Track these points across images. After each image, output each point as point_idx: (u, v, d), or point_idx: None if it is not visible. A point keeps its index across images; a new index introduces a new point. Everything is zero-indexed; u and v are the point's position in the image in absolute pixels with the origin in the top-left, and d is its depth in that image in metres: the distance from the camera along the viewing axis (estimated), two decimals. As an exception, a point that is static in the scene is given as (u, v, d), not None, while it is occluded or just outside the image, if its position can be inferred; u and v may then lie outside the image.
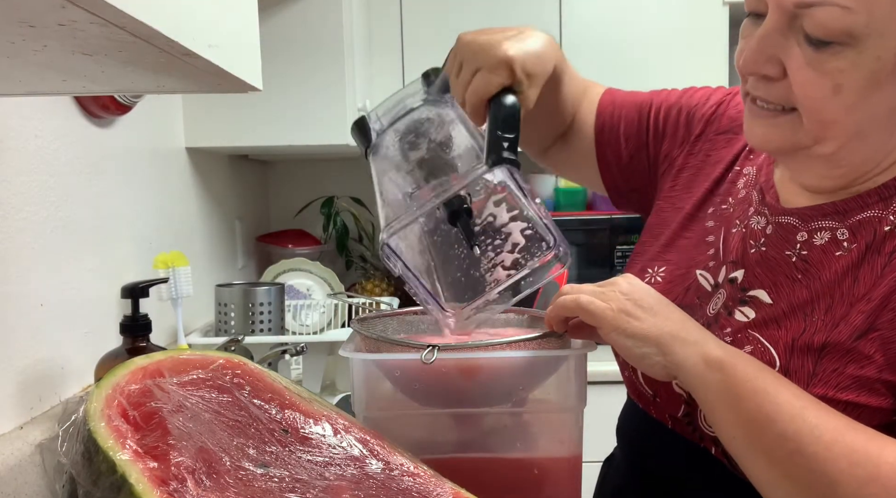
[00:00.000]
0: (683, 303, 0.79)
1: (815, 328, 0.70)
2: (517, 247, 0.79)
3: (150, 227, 1.43)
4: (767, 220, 0.79)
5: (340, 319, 1.73)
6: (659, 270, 0.86)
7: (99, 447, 0.60)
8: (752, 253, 0.78)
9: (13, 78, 0.69)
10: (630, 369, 0.86)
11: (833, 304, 0.70)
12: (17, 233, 0.99)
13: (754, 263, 0.77)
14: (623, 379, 0.90)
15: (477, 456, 0.84)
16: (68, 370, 1.09)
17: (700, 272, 0.82)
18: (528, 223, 0.78)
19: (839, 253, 0.72)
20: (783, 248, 0.76)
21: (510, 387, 0.84)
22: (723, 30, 2.02)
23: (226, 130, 1.65)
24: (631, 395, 0.90)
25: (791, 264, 0.75)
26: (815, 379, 0.68)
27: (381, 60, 2.02)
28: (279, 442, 0.68)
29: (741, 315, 0.76)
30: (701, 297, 0.80)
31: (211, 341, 1.47)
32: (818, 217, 0.75)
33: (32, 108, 1.04)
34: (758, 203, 0.81)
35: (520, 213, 0.78)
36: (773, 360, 0.71)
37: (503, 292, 0.77)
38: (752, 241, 0.79)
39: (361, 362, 0.82)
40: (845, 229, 0.73)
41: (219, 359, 0.75)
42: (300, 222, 2.34)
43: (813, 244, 0.74)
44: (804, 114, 0.69)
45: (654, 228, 0.90)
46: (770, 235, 0.78)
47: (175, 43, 0.51)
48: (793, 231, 0.76)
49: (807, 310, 0.72)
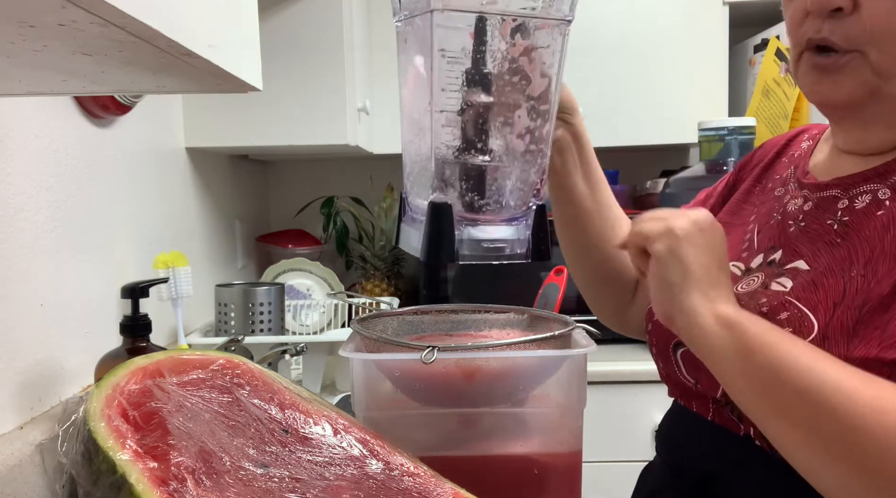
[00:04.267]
0: None
1: (855, 286, 0.67)
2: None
3: (150, 228, 1.43)
4: (806, 198, 0.77)
5: (340, 319, 1.73)
6: None
7: (99, 447, 0.60)
8: (790, 232, 0.77)
9: (13, 78, 0.69)
10: (669, 360, 0.82)
11: (873, 257, 0.68)
12: (17, 233, 0.99)
13: (793, 240, 0.76)
14: (662, 377, 0.87)
15: (477, 456, 0.84)
16: (68, 370, 1.09)
17: (733, 263, 0.80)
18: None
19: (881, 212, 0.70)
20: (824, 218, 0.74)
21: (510, 387, 0.84)
22: (723, 30, 2.02)
23: (226, 130, 1.65)
24: (672, 392, 0.87)
25: (832, 231, 0.73)
26: (857, 339, 0.65)
27: (381, 60, 2.02)
28: (279, 442, 0.68)
29: (778, 286, 0.73)
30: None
31: (211, 341, 1.47)
32: (860, 182, 0.73)
33: (32, 108, 1.04)
34: (795, 190, 0.80)
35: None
36: (812, 324, 0.68)
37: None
38: (790, 221, 0.78)
39: (361, 362, 0.82)
40: (887, 189, 0.71)
41: (219, 359, 0.75)
42: (300, 222, 2.34)
43: (854, 209, 0.72)
44: (878, 48, 0.67)
45: None
46: (809, 211, 0.76)
47: (175, 43, 0.51)
48: (833, 201, 0.74)
49: (845, 266, 0.69)
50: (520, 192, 0.77)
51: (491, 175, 0.75)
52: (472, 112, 0.74)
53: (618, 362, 1.72)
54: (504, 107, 0.75)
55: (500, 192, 0.76)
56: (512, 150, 0.76)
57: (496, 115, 0.75)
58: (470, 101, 0.73)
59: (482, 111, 0.74)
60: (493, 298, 1.07)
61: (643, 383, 1.71)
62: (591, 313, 1.03)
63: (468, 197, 0.75)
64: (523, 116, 0.76)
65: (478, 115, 0.74)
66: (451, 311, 0.97)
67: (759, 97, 1.94)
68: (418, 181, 0.78)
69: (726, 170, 1.75)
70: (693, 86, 2.01)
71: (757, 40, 2.01)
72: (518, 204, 0.77)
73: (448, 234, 0.74)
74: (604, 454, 1.73)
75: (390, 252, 2.14)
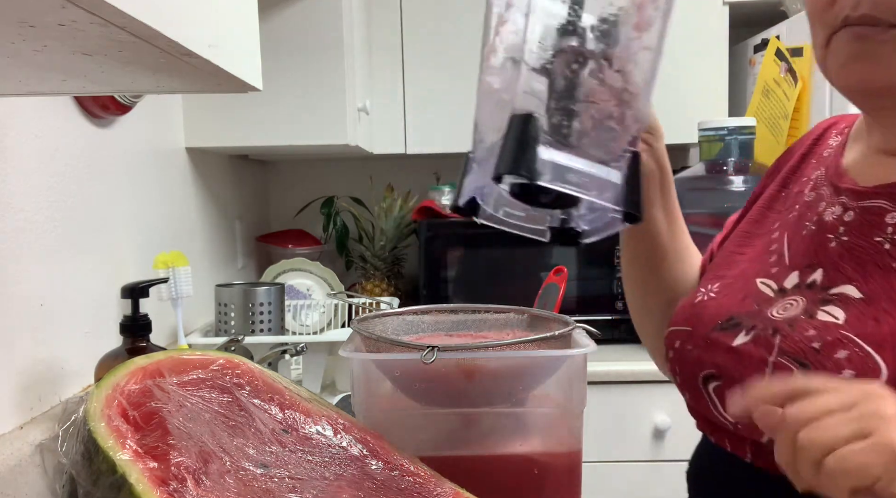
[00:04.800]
0: (741, 311, 0.70)
1: None
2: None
3: (150, 228, 1.43)
4: (846, 207, 0.68)
5: (340, 319, 1.72)
6: (712, 287, 0.77)
7: (99, 447, 0.60)
8: (831, 248, 0.67)
9: (13, 78, 0.69)
10: (699, 394, 0.73)
11: None
12: (17, 233, 0.99)
13: (836, 258, 0.67)
14: (689, 409, 0.79)
15: (477, 456, 0.84)
16: (68, 370, 1.09)
17: (761, 280, 0.72)
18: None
19: None
20: (871, 234, 0.65)
21: (510, 387, 0.84)
22: (723, 30, 2.02)
23: (226, 130, 1.65)
24: (701, 426, 0.79)
25: (883, 252, 0.63)
26: None
27: (381, 60, 2.02)
28: (279, 442, 0.68)
29: (827, 316, 0.64)
30: (761, 302, 0.70)
31: (211, 341, 1.47)
32: None
33: (32, 108, 1.04)
34: (830, 195, 0.71)
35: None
36: (878, 366, 0.58)
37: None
38: (829, 234, 0.68)
39: (361, 362, 0.82)
40: None
41: (219, 359, 0.75)
42: (300, 222, 2.34)
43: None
44: None
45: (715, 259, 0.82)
46: (851, 223, 0.67)
47: (175, 43, 0.51)
48: (880, 214, 0.65)
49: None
50: (614, 133, 0.64)
51: (584, 93, 0.62)
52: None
53: (618, 362, 1.72)
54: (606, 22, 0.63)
55: (593, 121, 0.63)
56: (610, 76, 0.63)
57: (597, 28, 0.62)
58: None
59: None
60: (493, 298, 1.07)
61: (643, 383, 1.71)
62: (590, 313, 1.03)
63: (556, 118, 0.62)
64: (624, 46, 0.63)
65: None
66: (451, 311, 0.97)
67: (759, 97, 1.94)
68: (493, 115, 0.65)
69: (726, 170, 1.75)
70: (693, 86, 2.01)
71: (757, 40, 2.01)
72: (611, 144, 0.64)
73: (531, 145, 0.60)
74: (604, 454, 1.73)
75: (390, 252, 2.14)
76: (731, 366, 0.69)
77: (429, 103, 2.02)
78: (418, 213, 2.06)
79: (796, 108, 1.78)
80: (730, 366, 0.69)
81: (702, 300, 0.76)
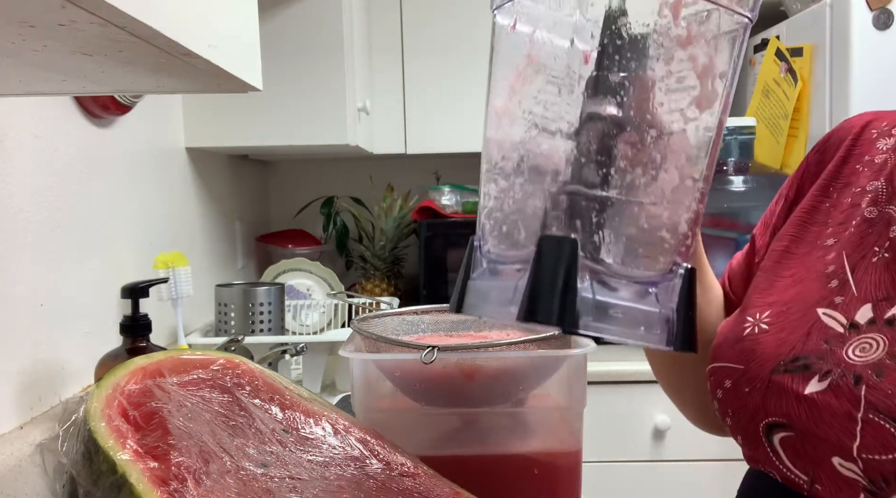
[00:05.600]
0: (807, 349, 0.61)
1: None
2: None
3: (150, 228, 1.44)
4: None
5: (340, 319, 1.72)
6: (762, 315, 0.66)
7: (99, 447, 0.60)
8: None
9: (13, 78, 0.69)
10: (759, 442, 0.63)
11: None
12: (17, 233, 0.99)
13: None
14: (745, 456, 0.68)
15: (477, 456, 0.84)
16: (68, 370, 1.09)
17: (823, 311, 0.62)
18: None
19: None
20: None
21: (510, 387, 0.84)
22: (723, 30, 2.02)
23: (226, 130, 1.65)
24: (755, 465, 0.68)
25: None
26: None
27: (381, 60, 2.02)
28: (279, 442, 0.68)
29: None
30: (830, 340, 0.60)
31: (211, 341, 1.47)
32: None
33: (32, 108, 1.04)
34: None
35: None
36: None
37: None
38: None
39: (361, 362, 0.82)
40: None
41: (219, 359, 0.75)
42: (300, 222, 2.34)
43: None
44: None
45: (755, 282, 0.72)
46: None
47: (175, 43, 0.51)
48: None
49: None
50: (665, 244, 0.53)
51: (629, 212, 0.53)
52: (604, 124, 0.52)
53: (618, 362, 1.72)
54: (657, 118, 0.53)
55: (639, 238, 0.53)
56: (660, 184, 0.53)
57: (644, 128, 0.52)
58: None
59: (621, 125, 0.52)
60: (493, 298, 1.06)
61: (643, 383, 1.71)
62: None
63: (595, 238, 0.52)
64: (684, 137, 0.53)
65: (614, 127, 0.52)
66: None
67: (759, 97, 1.94)
68: (510, 219, 0.56)
69: (726, 170, 1.75)
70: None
71: (757, 40, 2.01)
72: (661, 258, 0.54)
73: (571, 286, 0.50)
74: (604, 454, 1.73)
75: (390, 252, 2.14)
76: (806, 418, 0.59)
77: (429, 103, 2.02)
78: (418, 214, 2.06)
79: (796, 108, 1.78)
80: (804, 418, 0.59)
81: (752, 333, 0.65)
